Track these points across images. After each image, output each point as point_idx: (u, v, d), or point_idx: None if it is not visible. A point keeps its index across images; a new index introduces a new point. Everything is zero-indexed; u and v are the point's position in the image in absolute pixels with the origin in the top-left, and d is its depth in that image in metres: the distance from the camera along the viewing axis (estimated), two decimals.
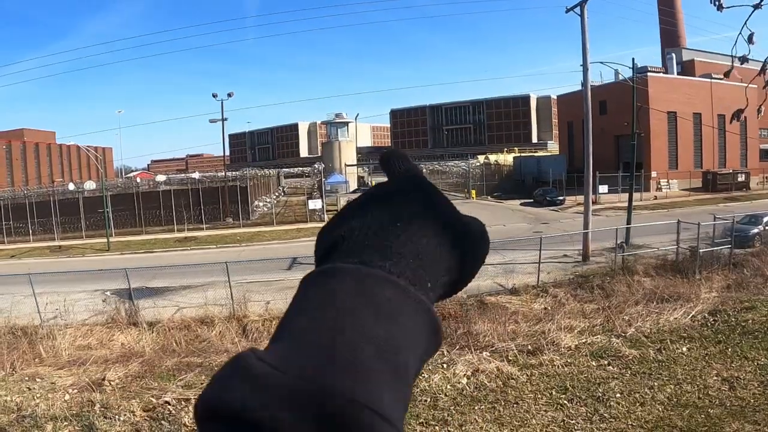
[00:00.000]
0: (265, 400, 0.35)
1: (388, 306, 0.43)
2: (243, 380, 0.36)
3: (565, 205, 40.28)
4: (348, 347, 0.39)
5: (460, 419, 8.52)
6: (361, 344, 0.40)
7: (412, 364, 0.43)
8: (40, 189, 42.41)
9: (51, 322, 14.23)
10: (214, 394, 0.37)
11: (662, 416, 8.33)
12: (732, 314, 12.52)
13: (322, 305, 0.43)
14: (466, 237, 0.51)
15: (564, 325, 12.20)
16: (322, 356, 0.38)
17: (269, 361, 0.37)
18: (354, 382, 0.37)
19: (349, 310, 0.42)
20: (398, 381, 0.40)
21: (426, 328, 0.45)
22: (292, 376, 0.36)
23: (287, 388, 0.36)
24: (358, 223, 0.50)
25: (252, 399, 0.35)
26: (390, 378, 0.40)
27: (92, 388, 9.76)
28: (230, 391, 0.36)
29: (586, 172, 21.88)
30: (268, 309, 15.22)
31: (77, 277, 18.51)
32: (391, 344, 0.41)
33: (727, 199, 40.17)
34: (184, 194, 37.61)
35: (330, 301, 0.43)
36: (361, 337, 0.40)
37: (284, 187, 65.18)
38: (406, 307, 0.44)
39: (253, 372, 0.37)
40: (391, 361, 0.40)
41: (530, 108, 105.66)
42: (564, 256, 20.58)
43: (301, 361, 0.38)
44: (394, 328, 0.42)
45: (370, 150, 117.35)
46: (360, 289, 0.43)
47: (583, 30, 21.01)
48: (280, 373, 0.36)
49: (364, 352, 0.39)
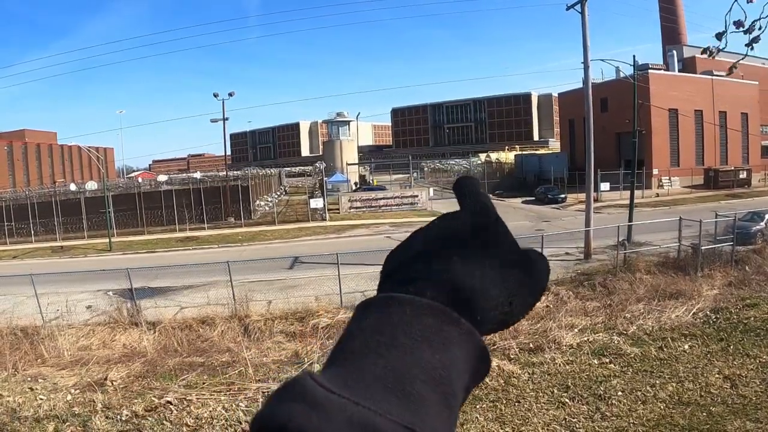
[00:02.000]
0: (323, 424, 0.36)
1: (440, 336, 0.45)
2: (301, 402, 0.37)
3: (567, 202, 40.26)
4: (402, 375, 0.41)
5: (461, 418, 8.52)
6: (415, 373, 0.42)
7: (460, 392, 0.45)
8: (41, 189, 42.46)
9: (53, 323, 14.25)
10: (271, 414, 0.38)
11: (664, 414, 8.33)
12: (734, 312, 12.50)
13: (377, 333, 0.45)
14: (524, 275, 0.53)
15: (565, 323, 12.20)
16: (379, 384, 0.40)
17: (327, 386, 0.39)
18: (407, 410, 0.39)
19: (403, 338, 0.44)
20: (447, 408, 0.43)
21: (475, 359, 0.47)
22: (349, 402, 0.38)
23: (345, 414, 0.37)
24: (420, 251, 0.53)
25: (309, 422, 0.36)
26: (440, 406, 0.42)
27: (94, 388, 9.78)
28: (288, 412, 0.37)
29: (588, 169, 21.85)
30: (269, 308, 15.24)
31: (79, 278, 18.54)
32: (442, 374, 0.43)
33: (728, 196, 40.10)
34: (185, 194, 37.61)
35: (385, 329, 0.45)
36: (414, 366, 0.42)
37: (286, 186, 65.17)
38: (457, 338, 0.46)
39: (311, 395, 0.38)
40: (442, 390, 0.43)
41: (531, 106, 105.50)
42: (566, 254, 20.56)
43: (358, 388, 0.39)
44: (446, 358, 0.44)
45: (371, 149, 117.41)
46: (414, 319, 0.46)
47: (583, 27, 20.97)
48: (337, 397, 0.38)
49: (418, 380, 0.42)
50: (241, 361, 11.09)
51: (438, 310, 0.47)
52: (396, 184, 56.80)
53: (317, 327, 13.43)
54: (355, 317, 0.48)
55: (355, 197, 42.64)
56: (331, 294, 15.63)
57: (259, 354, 11.99)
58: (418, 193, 41.72)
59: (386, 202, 40.94)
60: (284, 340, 12.99)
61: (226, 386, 9.87)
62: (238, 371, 10.62)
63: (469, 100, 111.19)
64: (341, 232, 31.94)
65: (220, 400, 9.27)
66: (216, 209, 37.54)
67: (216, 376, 10.46)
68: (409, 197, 41.06)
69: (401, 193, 43.88)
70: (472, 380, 0.47)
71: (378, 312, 0.47)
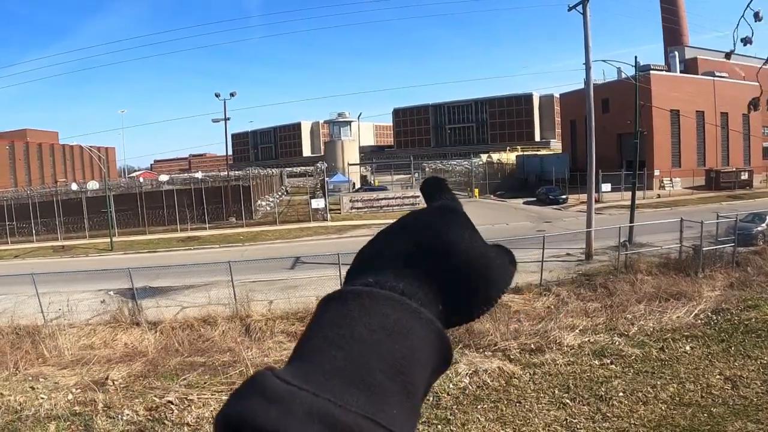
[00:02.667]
0: (283, 416, 0.37)
1: (399, 326, 0.46)
2: (261, 397, 0.38)
3: (568, 203, 40.20)
4: (362, 366, 0.42)
5: (462, 418, 8.53)
6: (374, 363, 0.43)
7: (422, 382, 0.46)
8: (43, 189, 42.53)
9: (54, 322, 14.26)
10: (233, 411, 0.39)
11: (665, 415, 8.32)
12: (735, 313, 12.49)
13: (336, 326, 0.45)
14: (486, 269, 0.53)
15: (566, 324, 12.19)
16: (338, 375, 0.41)
17: (287, 379, 0.40)
18: (367, 400, 0.40)
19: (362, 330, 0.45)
20: (408, 399, 0.43)
21: (435, 348, 0.47)
22: (309, 393, 0.39)
23: (304, 406, 0.38)
24: (383, 246, 0.54)
25: (270, 415, 0.37)
26: (401, 396, 0.43)
27: (95, 387, 9.80)
28: (249, 407, 0.38)
29: (589, 170, 21.83)
30: (271, 308, 15.25)
31: (80, 277, 18.55)
32: (402, 363, 0.44)
33: (730, 197, 40.01)
34: (187, 194, 37.64)
35: (344, 322, 0.46)
36: (374, 356, 0.43)
37: (287, 186, 65.21)
38: (417, 328, 0.47)
39: (271, 389, 0.39)
40: (402, 380, 0.43)
41: (533, 106, 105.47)
42: (567, 255, 20.54)
43: (317, 380, 0.40)
44: (405, 348, 0.45)
45: (372, 149, 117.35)
46: (372, 310, 0.46)
47: (585, 28, 20.95)
48: (297, 389, 0.39)
49: (377, 371, 0.42)
50: (242, 361, 11.11)
51: (396, 301, 0.48)
52: (397, 185, 56.78)
53: None
54: (316, 313, 0.48)
55: (357, 197, 42.66)
56: None
57: (260, 354, 12.00)
58: (420, 194, 41.63)
59: (388, 202, 40.95)
60: (285, 340, 12.99)
61: (227, 386, 9.89)
62: (239, 371, 10.63)
63: (470, 101, 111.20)
64: (343, 233, 31.94)
65: (221, 399, 9.28)
66: (217, 209, 37.57)
67: (217, 376, 10.48)
68: (410, 198, 41.05)
69: (402, 193, 43.88)
70: (434, 371, 0.48)
71: (337, 306, 0.47)
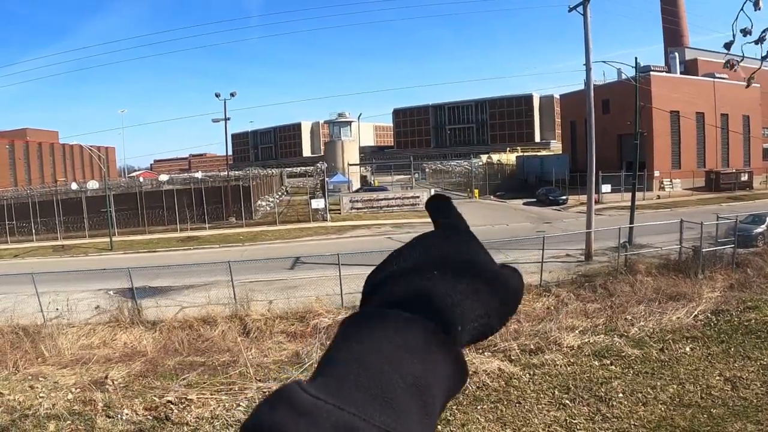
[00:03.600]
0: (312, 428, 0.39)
1: (420, 348, 0.49)
2: (291, 409, 0.40)
3: (568, 204, 40.19)
4: (384, 383, 0.45)
5: (462, 419, 8.53)
6: (396, 381, 0.45)
7: (439, 400, 0.49)
8: (43, 188, 42.52)
9: (54, 322, 14.26)
10: (265, 421, 0.40)
11: (665, 416, 8.32)
12: (735, 314, 12.49)
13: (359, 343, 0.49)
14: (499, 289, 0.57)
15: (566, 324, 12.20)
16: (362, 391, 0.44)
17: (313, 393, 0.42)
18: (389, 416, 0.43)
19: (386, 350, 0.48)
20: (427, 416, 0.46)
21: (452, 369, 0.51)
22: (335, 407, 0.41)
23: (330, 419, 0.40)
24: (399, 268, 0.56)
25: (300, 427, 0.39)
26: (420, 413, 0.46)
27: (95, 387, 9.79)
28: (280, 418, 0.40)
29: (589, 171, 21.84)
30: (270, 308, 15.24)
31: (80, 277, 18.55)
32: (422, 383, 0.47)
33: (730, 198, 40.02)
34: (186, 194, 37.63)
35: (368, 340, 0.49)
36: (396, 375, 0.46)
37: (287, 186, 65.21)
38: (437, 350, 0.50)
39: (298, 402, 0.41)
40: (422, 398, 0.46)
41: (533, 107, 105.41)
42: (567, 256, 20.55)
43: (341, 394, 0.43)
44: (425, 368, 0.48)
45: (373, 149, 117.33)
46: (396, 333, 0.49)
47: (585, 29, 20.96)
48: (323, 403, 0.41)
49: (399, 388, 0.45)
50: (242, 361, 11.11)
51: (418, 324, 0.50)
52: (397, 185, 56.80)
53: (318, 327, 13.43)
54: (339, 332, 0.51)
55: (357, 198, 42.65)
56: (332, 294, 15.61)
57: (259, 354, 12.00)
58: (420, 194, 41.68)
59: (387, 202, 40.94)
60: (285, 340, 12.99)
61: (226, 386, 9.89)
62: (239, 371, 10.63)
63: (470, 101, 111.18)
64: (342, 233, 31.93)
65: (220, 399, 9.29)
66: (217, 209, 37.56)
67: (216, 376, 10.47)
68: (410, 198, 41.07)
69: (402, 194, 43.90)
70: (451, 389, 0.51)
71: (361, 326, 0.51)
